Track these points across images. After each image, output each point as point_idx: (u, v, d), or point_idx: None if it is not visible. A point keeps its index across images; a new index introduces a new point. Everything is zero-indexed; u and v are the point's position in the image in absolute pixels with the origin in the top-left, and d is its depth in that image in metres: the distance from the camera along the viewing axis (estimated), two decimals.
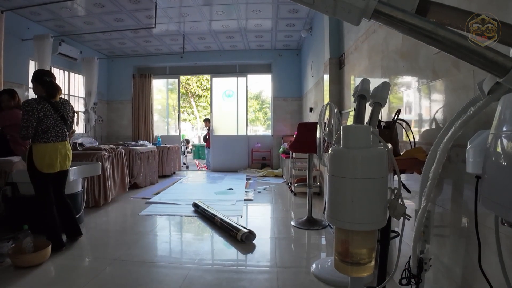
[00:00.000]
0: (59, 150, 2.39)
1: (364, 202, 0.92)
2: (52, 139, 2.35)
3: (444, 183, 1.37)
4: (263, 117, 14.55)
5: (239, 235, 2.53)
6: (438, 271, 1.39)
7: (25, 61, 4.92)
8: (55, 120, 2.38)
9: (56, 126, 2.39)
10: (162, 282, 1.90)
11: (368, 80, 1.48)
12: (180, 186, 5.27)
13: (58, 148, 2.38)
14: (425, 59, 1.58)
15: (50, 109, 2.35)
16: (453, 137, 0.84)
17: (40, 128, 2.31)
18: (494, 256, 0.95)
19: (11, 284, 1.83)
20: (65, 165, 2.46)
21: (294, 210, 3.68)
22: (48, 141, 2.34)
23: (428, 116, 1.59)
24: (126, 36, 5.97)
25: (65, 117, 2.46)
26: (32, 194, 2.60)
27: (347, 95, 3.24)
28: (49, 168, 2.34)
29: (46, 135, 2.33)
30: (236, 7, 4.72)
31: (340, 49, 3.44)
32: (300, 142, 3.22)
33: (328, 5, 0.81)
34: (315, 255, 2.42)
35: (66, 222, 2.53)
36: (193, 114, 17.74)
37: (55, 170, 2.37)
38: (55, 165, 2.36)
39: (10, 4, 4.23)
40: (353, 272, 0.99)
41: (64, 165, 2.45)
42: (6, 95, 3.15)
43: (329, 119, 2.38)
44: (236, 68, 7.39)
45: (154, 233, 2.84)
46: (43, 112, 2.31)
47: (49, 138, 2.34)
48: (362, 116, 1.38)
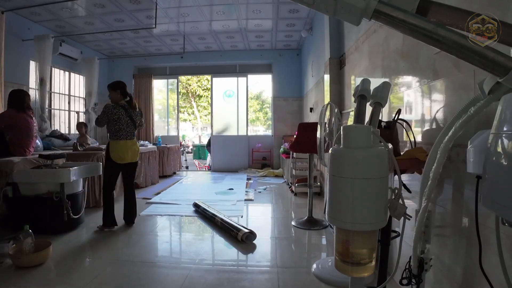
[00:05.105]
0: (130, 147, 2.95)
1: (365, 202, 0.92)
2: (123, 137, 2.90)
3: (445, 183, 1.37)
4: (263, 117, 14.54)
5: (239, 235, 2.53)
6: (439, 271, 1.39)
7: (26, 62, 4.92)
8: (126, 122, 2.92)
9: (128, 126, 2.93)
10: (162, 282, 1.90)
11: (368, 80, 1.48)
12: (181, 186, 5.28)
13: (128, 145, 2.93)
14: (426, 59, 1.58)
15: (123, 113, 2.91)
16: (454, 137, 0.84)
17: (114, 128, 2.87)
18: (495, 256, 0.95)
19: (12, 284, 1.83)
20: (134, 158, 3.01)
21: (295, 210, 3.68)
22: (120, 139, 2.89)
23: (428, 116, 1.59)
24: (126, 36, 5.97)
25: (134, 120, 2.98)
26: (32, 194, 2.62)
27: (347, 95, 3.23)
28: (121, 159, 2.89)
29: (118, 134, 2.88)
30: (237, 7, 4.72)
31: (341, 49, 3.44)
32: (301, 142, 3.22)
33: (329, 5, 0.81)
34: (316, 255, 2.42)
35: (129, 208, 3.03)
36: (193, 114, 17.75)
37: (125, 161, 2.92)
38: (125, 157, 2.90)
39: (10, 5, 4.23)
40: (354, 272, 0.99)
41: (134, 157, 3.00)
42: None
43: (329, 119, 2.38)
44: (236, 68, 7.40)
45: (155, 233, 2.85)
46: (117, 115, 2.87)
47: (121, 136, 2.89)
48: (362, 116, 1.37)
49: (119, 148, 2.86)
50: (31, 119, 3.24)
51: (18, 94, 3.18)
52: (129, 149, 2.91)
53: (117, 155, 2.85)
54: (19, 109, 3.10)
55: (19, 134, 3.10)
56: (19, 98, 3.14)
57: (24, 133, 3.13)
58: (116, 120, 2.84)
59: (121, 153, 2.86)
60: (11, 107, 3.11)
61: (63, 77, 6.08)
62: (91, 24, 5.23)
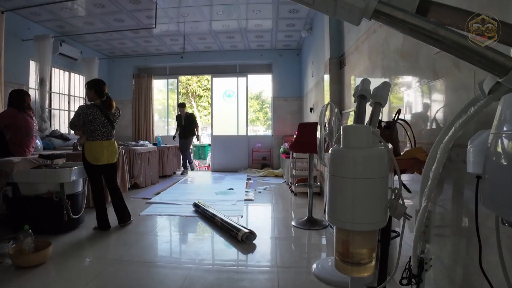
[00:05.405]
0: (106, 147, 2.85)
1: (365, 202, 0.92)
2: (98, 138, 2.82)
3: (445, 183, 1.37)
4: (263, 117, 14.53)
5: (239, 235, 2.53)
6: (439, 271, 1.39)
7: (26, 62, 4.92)
8: (102, 122, 2.84)
9: (104, 127, 2.85)
10: (162, 282, 1.90)
11: (368, 80, 1.48)
12: (181, 186, 5.27)
13: (104, 145, 2.84)
14: (426, 59, 1.58)
15: (98, 113, 2.83)
16: (454, 137, 0.84)
17: (89, 128, 2.79)
18: (495, 256, 0.95)
19: (11, 284, 1.83)
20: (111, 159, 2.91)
21: (295, 210, 3.68)
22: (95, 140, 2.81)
23: (428, 116, 1.59)
24: (126, 37, 5.97)
25: (111, 119, 2.92)
26: (32, 194, 2.61)
27: (347, 95, 3.23)
28: (96, 161, 2.80)
29: (94, 134, 2.80)
30: (236, 7, 4.72)
31: (341, 49, 3.44)
32: (301, 142, 3.22)
33: (329, 5, 0.81)
34: (316, 255, 2.42)
35: (117, 209, 2.96)
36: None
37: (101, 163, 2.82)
38: (101, 158, 2.81)
39: (10, 5, 4.23)
40: (354, 272, 0.99)
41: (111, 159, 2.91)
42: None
43: (329, 119, 2.38)
44: (236, 68, 7.40)
45: (155, 233, 2.85)
46: (92, 116, 2.79)
47: (96, 137, 2.81)
48: (362, 116, 1.37)
49: (94, 149, 2.79)
50: (31, 119, 3.24)
51: (18, 94, 3.19)
52: (105, 150, 2.83)
53: (92, 156, 2.77)
54: (19, 109, 3.10)
55: (19, 134, 3.10)
56: (19, 98, 3.14)
57: (24, 133, 3.13)
58: (91, 121, 2.77)
59: (96, 153, 2.78)
60: (11, 107, 3.11)
61: (63, 77, 6.08)
62: (91, 24, 5.23)
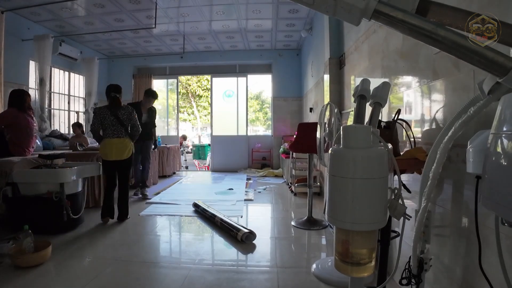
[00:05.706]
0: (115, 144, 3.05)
1: (365, 202, 0.92)
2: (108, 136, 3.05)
3: (445, 183, 1.37)
4: (263, 117, 14.55)
5: (239, 235, 2.53)
6: (439, 271, 1.39)
7: (26, 62, 4.92)
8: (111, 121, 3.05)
9: (113, 125, 3.05)
10: (162, 282, 1.90)
11: (368, 80, 1.48)
12: (180, 186, 5.27)
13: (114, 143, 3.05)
14: (425, 59, 1.58)
15: (107, 112, 3.06)
16: (453, 137, 0.84)
17: (102, 127, 3.06)
18: (495, 256, 0.95)
19: (11, 284, 1.83)
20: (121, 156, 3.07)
21: (294, 210, 3.68)
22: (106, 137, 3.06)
23: (428, 116, 1.59)
24: (126, 36, 5.97)
25: (120, 118, 3.08)
26: (32, 194, 2.61)
27: (347, 95, 3.24)
28: (106, 156, 3.04)
29: (105, 133, 3.06)
30: (236, 7, 4.72)
31: (340, 49, 3.44)
32: (300, 142, 3.22)
33: (328, 5, 0.81)
34: (316, 255, 2.42)
35: (119, 205, 3.13)
36: (193, 114, 17.75)
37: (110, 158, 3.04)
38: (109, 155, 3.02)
39: (10, 5, 4.23)
40: (354, 272, 0.99)
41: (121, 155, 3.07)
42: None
43: (329, 119, 2.38)
44: (236, 68, 7.39)
45: (155, 233, 2.85)
46: (102, 116, 3.06)
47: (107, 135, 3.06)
48: (362, 116, 1.37)
49: (104, 146, 3.04)
50: (32, 119, 3.24)
51: (19, 94, 3.19)
52: (113, 147, 3.02)
53: (103, 152, 3.06)
54: (19, 109, 3.10)
55: (20, 134, 3.10)
56: (19, 98, 3.14)
57: (24, 133, 3.13)
58: (102, 120, 3.04)
59: (105, 150, 3.03)
60: (12, 107, 3.11)
61: (63, 77, 6.08)
62: (91, 24, 5.23)
